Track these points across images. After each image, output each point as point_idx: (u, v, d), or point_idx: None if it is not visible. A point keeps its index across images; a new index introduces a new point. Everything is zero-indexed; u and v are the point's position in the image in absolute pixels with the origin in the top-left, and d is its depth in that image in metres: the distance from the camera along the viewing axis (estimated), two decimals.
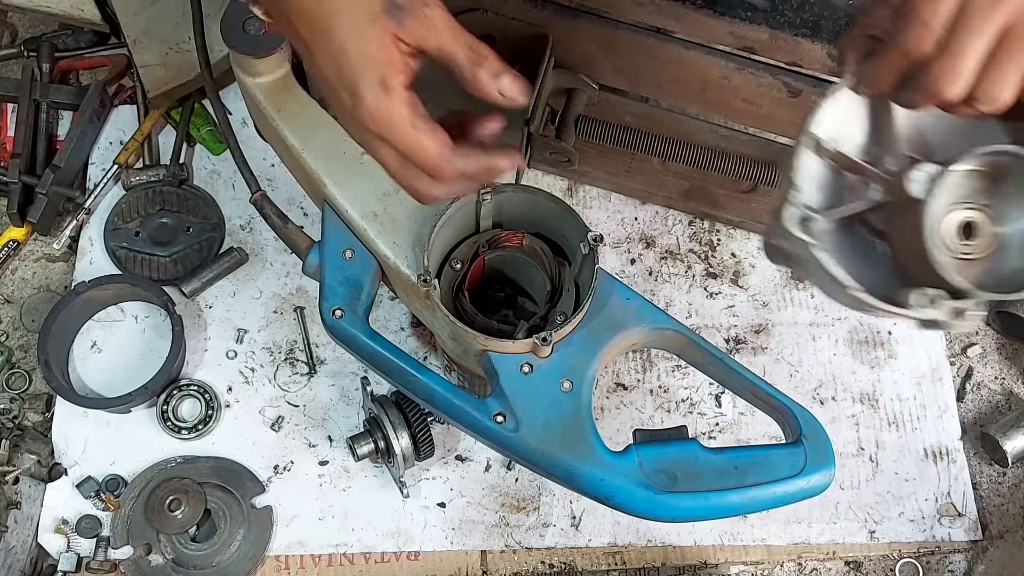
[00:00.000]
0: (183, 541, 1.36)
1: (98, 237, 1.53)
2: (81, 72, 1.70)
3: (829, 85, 0.81)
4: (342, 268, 1.11)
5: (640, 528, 1.42)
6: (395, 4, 0.76)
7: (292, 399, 1.47)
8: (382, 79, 0.77)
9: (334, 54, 0.77)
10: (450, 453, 1.45)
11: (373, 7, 0.76)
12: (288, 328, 1.51)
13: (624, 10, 1.14)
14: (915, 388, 1.52)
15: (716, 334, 1.54)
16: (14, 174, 1.51)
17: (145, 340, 1.49)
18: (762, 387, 1.08)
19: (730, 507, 1.02)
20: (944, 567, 1.45)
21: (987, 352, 1.58)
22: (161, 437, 1.42)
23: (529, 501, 1.43)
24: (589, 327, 1.07)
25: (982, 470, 1.50)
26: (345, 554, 1.40)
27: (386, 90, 0.77)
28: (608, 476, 1.01)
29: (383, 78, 0.77)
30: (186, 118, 1.60)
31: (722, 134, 1.37)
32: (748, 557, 1.42)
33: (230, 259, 1.51)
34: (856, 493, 1.46)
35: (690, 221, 1.61)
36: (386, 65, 0.77)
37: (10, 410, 1.45)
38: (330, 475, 1.43)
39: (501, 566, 1.40)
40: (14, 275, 1.56)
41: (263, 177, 1.22)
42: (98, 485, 1.39)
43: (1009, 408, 1.53)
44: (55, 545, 1.37)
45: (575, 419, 1.03)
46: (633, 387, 1.50)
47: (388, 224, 1.10)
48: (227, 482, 1.40)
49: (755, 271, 1.58)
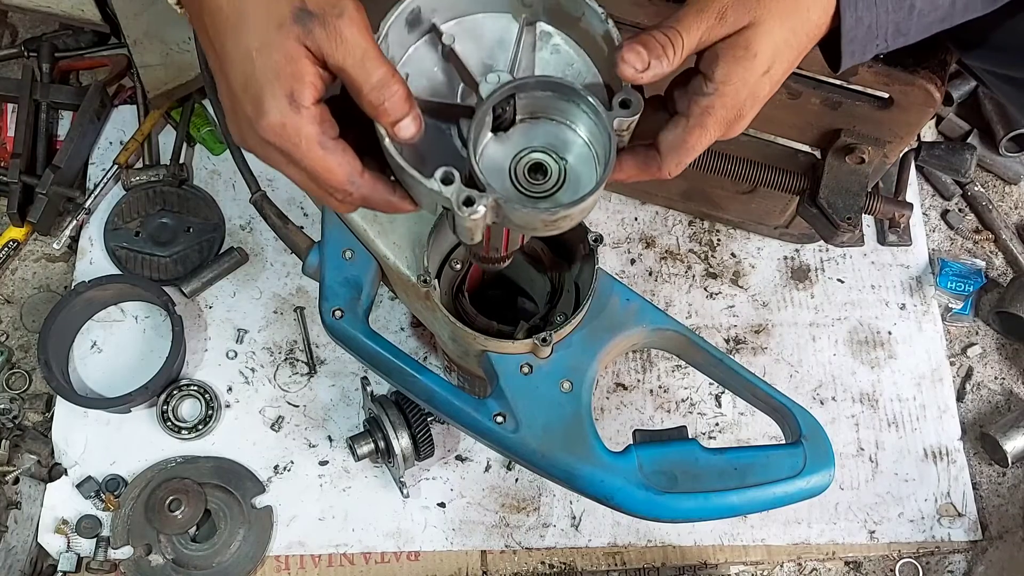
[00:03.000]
0: (183, 541, 1.36)
1: (98, 237, 1.53)
2: (81, 72, 1.70)
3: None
4: (342, 268, 1.11)
5: (640, 528, 1.42)
6: (305, 10, 0.69)
7: (292, 399, 1.47)
8: (290, 93, 0.70)
9: (240, 60, 0.71)
10: (450, 453, 1.45)
11: (283, 11, 0.69)
12: (288, 328, 1.51)
13: (624, 11, 1.14)
14: (915, 388, 1.52)
15: (716, 334, 1.54)
16: (14, 174, 1.51)
17: (145, 340, 1.49)
18: (762, 387, 1.08)
19: (730, 508, 1.02)
20: (944, 567, 1.45)
21: (987, 352, 1.58)
22: (161, 437, 1.43)
23: (529, 501, 1.43)
24: (589, 328, 1.07)
25: (982, 470, 1.50)
26: (345, 554, 1.40)
27: (294, 106, 0.71)
28: (608, 477, 1.01)
29: (291, 92, 0.70)
30: (186, 118, 1.60)
31: None
32: (748, 557, 1.42)
33: (230, 259, 1.51)
34: (856, 493, 1.46)
35: (690, 221, 1.61)
36: (294, 79, 0.70)
37: (10, 410, 1.45)
38: (330, 475, 1.43)
39: (501, 566, 1.40)
40: (14, 275, 1.56)
41: (263, 177, 1.22)
42: (98, 485, 1.39)
43: (1009, 408, 1.53)
44: (55, 545, 1.37)
45: (575, 420, 1.03)
46: (633, 387, 1.50)
47: (388, 224, 1.10)
48: (227, 482, 1.40)
49: (755, 271, 1.58)
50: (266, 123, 0.72)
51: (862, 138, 1.24)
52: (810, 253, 1.60)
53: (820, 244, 1.60)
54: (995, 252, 1.64)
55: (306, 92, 0.71)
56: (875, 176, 1.33)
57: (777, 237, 1.60)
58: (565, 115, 0.78)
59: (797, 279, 1.59)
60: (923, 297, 1.58)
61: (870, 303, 1.57)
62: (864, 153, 1.23)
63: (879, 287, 1.58)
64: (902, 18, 0.83)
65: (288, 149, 0.73)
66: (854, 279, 1.59)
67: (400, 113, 0.72)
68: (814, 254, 1.60)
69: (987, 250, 1.64)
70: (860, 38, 0.82)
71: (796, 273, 1.59)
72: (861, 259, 1.60)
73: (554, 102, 0.77)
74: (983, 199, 1.66)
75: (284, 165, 0.77)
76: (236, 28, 0.71)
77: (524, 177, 0.77)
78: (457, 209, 0.72)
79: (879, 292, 1.58)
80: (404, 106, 0.72)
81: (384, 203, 0.79)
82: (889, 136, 1.24)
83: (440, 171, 0.72)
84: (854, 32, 0.81)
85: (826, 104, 1.22)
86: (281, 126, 0.71)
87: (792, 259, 1.60)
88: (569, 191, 0.77)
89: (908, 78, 1.13)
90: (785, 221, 1.53)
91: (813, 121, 1.26)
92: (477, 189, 0.73)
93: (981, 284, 1.57)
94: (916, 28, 0.85)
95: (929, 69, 1.13)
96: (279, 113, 0.71)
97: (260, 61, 0.70)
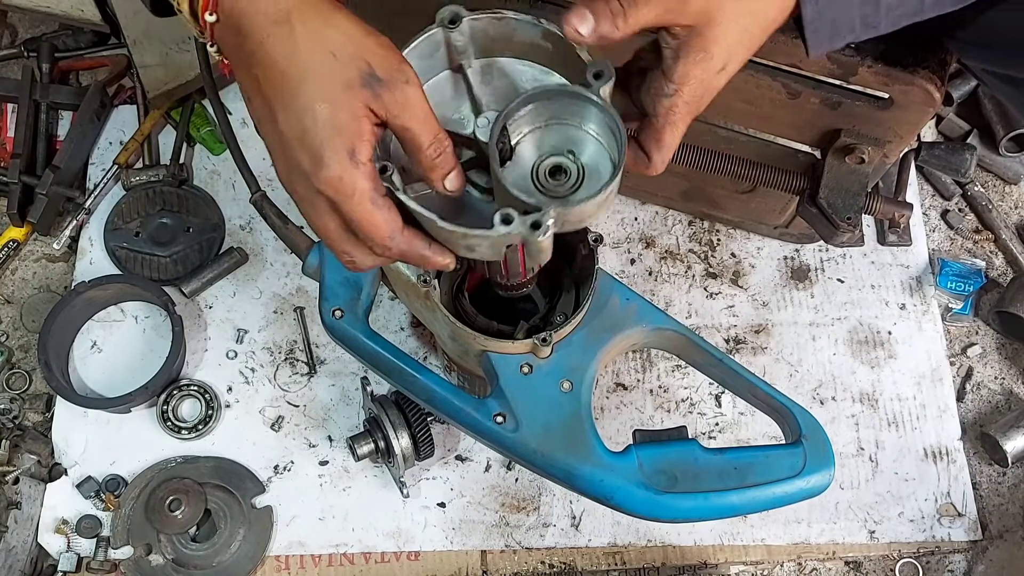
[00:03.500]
0: (183, 541, 1.36)
1: (98, 237, 1.53)
2: (81, 72, 1.70)
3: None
4: (342, 268, 1.11)
5: (640, 528, 1.42)
6: (375, 76, 0.75)
7: (292, 399, 1.47)
8: (351, 150, 0.75)
9: (298, 114, 0.75)
10: (450, 453, 1.45)
11: (350, 75, 0.74)
12: (288, 328, 1.51)
13: None
14: (915, 388, 1.52)
15: (716, 334, 1.54)
16: (14, 174, 1.51)
17: (145, 340, 1.49)
18: (762, 387, 1.08)
19: (730, 507, 1.02)
20: (944, 567, 1.45)
21: (987, 352, 1.58)
22: (161, 437, 1.43)
23: (529, 501, 1.43)
24: (589, 327, 1.07)
25: (982, 470, 1.50)
26: (345, 554, 1.40)
27: (354, 162, 0.75)
28: (608, 477, 1.01)
29: (352, 149, 0.75)
30: (186, 118, 1.60)
31: (721, 135, 1.37)
32: (748, 557, 1.42)
33: (230, 259, 1.51)
34: (856, 493, 1.46)
35: (690, 221, 1.61)
36: (356, 137, 0.75)
37: (10, 410, 1.45)
38: (330, 475, 1.43)
39: (501, 566, 1.40)
40: (14, 275, 1.56)
41: (263, 177, 1.22)
42: (98, 485, 1.39)
43: (1009, 408, 1.53)
44: (55, 545, 1.37)
45: (575, 420, 1.03)
46: (633, 387, 1.50)
47: None
48: (227, 482, 1.40)
49: (755, 271, 1.58)
50: (324, 175, 0.75)
51: (862, 138, 1.24)
52: (810, 253, 1.60)
53: (820, 244, 1.60)
54: (995, 252, 1.64)
55: (365, 149, 0.76)
56: (875, 176, 1.33)
57: (777, 237, 1.60)
58: (562, 116, 0.82)
59: (797, 279, 1.59)
60: (923, 297, 1.58)
61: (870, 303, 1.57)
62: (864, 153, 1.23)
63: (879, 287, 1.58)
64: (869, 12, 0.86)
65: (340, 201, 0.77)
66: (854, 279, 1.59)
67: (450, 166, 0.80)
68: (814, 254, 1.60)
69: (987, 250, 1.64)
70: (824, 30, 0.85)
71: (796, 273, 1.59)
72: (861, 259, 1.60)
73: (548, 108, 0.81)
74: (983, 199, 1.66)
75: (327, 216, 0.80)
76: (297, 84, 0.75)
77: (546, 180, 0.82)
78: (531, 237, 0.77)
79: (879, 292, 1.58)
80: (452, 160, 0.80)
81: (419, 258, 0.83)
82: (889, 136, 1.24)
83: (497, 216, 0.76)
84: (816, 24, 0.84)
85: (826, 104, 1.22)
86: (339, 179, 0.76)
87: (792, 259, 1.60)
88: (590, 183, 0.82)
89: (908, 78, 1.13)
90: (785, 221, 1.53)
91: (813, 121, 1.26)
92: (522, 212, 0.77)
93: (981, 284, 1.57)
94: (886, 22, 0.88)
95: (929, 69, 1.13)
96: (339, 167, 0.75)
97: (323, 117, 0.74)
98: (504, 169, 0.80)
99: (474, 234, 0.78)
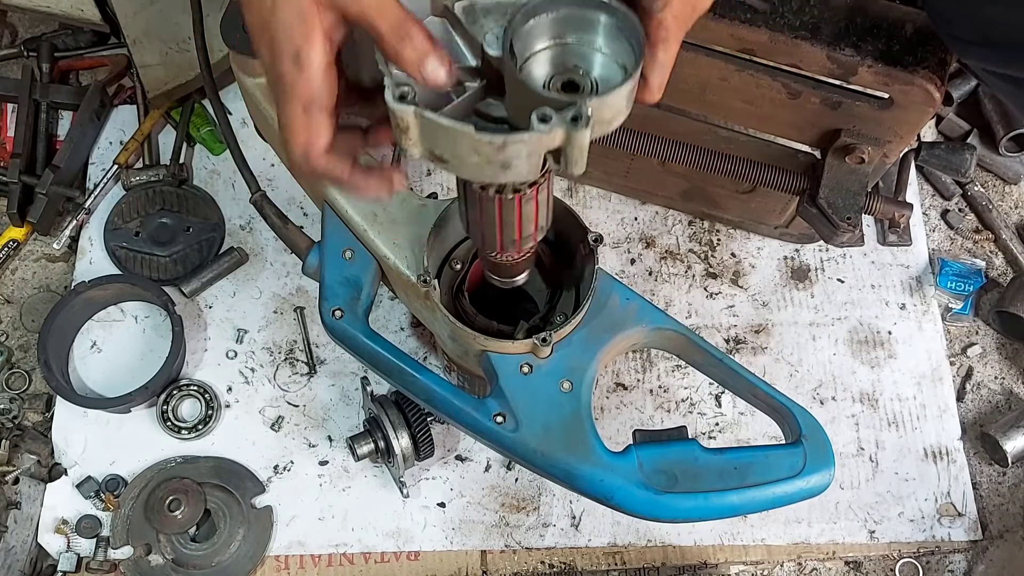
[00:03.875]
0: (183, 541, 1.36)
1: (98, 237, 1.53)
2: (81, 72, 1.70)
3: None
4: (342, 268, 1.11)
5: (640, 528, 1.42)
6: None
7: (292, 399, 1.47)
8: (296, 53, 0.72)
9: (258, 5, 0.72)
10: (450, 453, 1.45)
11: None
12: (288, 328, 1.51)
13: None
14: (915, 388, 1.52)
15: (716, 334, 1.54)
16: (14, 174, 1.51)
17: (145, 340, 1.49)
18: (762, 387, 1.08)
19: (730, 507, 1.03)
20: (944, 567, 1.45)
21: (987, 352, 1.58)
22: (161, 437, 1.43)
23: (529, 501, 1.43)
24: (589, 327, 1.07)
25: (982, 470, 1.50)
26: (345, 554, 1.40)
27: (297, 65, 0.72)
28: (608, 476, 1.01)
29: (297, 51, 0.72)
30: (186, 118, 1.60)
31: (722, 135, 1.37)
32: (748, 557, 1.42)
33: (230, 259, 1.51)
34: (856, 493, 1.46)
35: (690, 221, 1.61)
36: (303, 38, 0.71)
37: (10, 410, 1.45)
38: (330, 475, 1.43)
39: (501, 566, 1.40)
40: (14, 275, 1.56)
41: (263, 177, 1.22)
42: (98, 485, 1.39)
43: (1009, 408, 1.53)
44: (55, 545, 1.37)
45: (575, 419, 1.03)
46: (633, 387, 1.50)
47: (388, 224, 1.10)
48: (227, 482, 1.40)
49: (755, 271, 1.58)
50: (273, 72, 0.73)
51: (862, 138, 1.24)
52: (810, 253, 1.60)
53: (820, 244, 1.60)
54: (995, 252, 1.64)
55: (311, 51, 0.72)
56: (875, 176, 1.33)
57: (777, 237, 1.60)
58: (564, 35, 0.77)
59: (797, 279, 1.59)
60: (923, 297, 1.58)
61: (870, 303, 1.57)
62: (864, 153, 1.23)
63: (879, 287, 1.58)
64: None
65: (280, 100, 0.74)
66: (854, 279, 1.59)
67: (421, 51, 0.70)
68: (814, 254, 1.60)
69: (987, 250, 1.64)
70: None
71: (796, 273, 1.59)
72: (861, 259, 1.60)
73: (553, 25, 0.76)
74: (983, 199, 1.66)
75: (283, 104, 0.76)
76: None
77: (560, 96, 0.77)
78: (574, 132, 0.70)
79: (879, 292, 1.58)
80: (425, 44, 0.70)
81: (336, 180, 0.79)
82: (889, 136, 1.24)
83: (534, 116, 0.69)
84: None
85: (826, 104, 1.22)
86: (280, 76, 0.73)
87: (792, 259, 1.60)
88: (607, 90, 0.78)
89: (908, 78, 1.13)
90: (785, 221, 1.53)
91: (813, 121, 1.26)
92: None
93: (981, 284, 1.57)
94: None
95: (929, 69, 1.13)
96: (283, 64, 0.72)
97: (277, 14, 0.71)
98: (522, 73, 0.73)
99: (513, 139, 0.70)
